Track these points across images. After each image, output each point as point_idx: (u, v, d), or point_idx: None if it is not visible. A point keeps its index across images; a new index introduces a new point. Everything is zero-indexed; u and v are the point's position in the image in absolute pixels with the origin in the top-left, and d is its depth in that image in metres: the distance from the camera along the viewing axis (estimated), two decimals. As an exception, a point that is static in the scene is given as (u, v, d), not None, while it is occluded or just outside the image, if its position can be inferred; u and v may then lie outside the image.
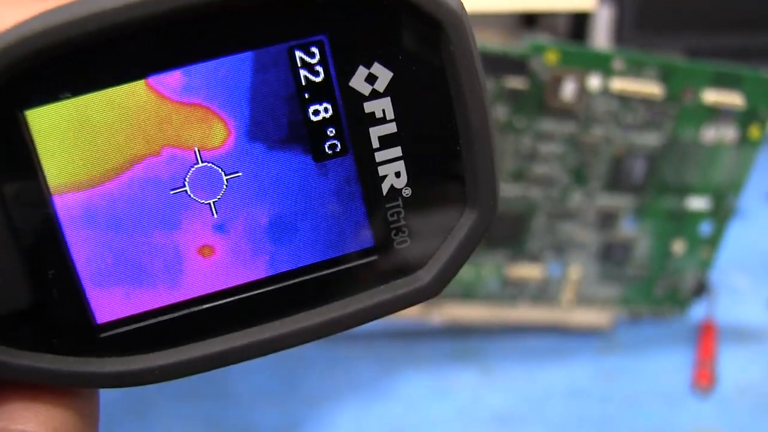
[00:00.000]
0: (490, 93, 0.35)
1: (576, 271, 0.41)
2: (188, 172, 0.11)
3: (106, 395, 0.37)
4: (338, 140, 0.11)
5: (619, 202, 0.39)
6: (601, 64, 0.35)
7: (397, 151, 0.11)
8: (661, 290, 0.42)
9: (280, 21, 0.10)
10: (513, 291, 0.41)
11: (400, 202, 0.12)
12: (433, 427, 0.35)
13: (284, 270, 0.12)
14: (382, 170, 0.11)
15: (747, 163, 0.39)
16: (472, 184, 0.12)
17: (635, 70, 0.36)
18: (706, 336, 0.40)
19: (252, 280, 0.11)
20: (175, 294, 0.11)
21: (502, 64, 0.35)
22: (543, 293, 0.41)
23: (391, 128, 0.11)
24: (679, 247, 0.40)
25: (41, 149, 0.10)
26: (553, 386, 0.38)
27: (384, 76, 0.11)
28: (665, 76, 0.36)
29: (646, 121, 0.37)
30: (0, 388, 0.11)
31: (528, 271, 0.40)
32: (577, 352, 0.40)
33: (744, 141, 0.38)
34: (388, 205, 0.12)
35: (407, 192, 0.12)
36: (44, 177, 0.10)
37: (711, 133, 0.38)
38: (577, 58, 0.35)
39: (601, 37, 0.90)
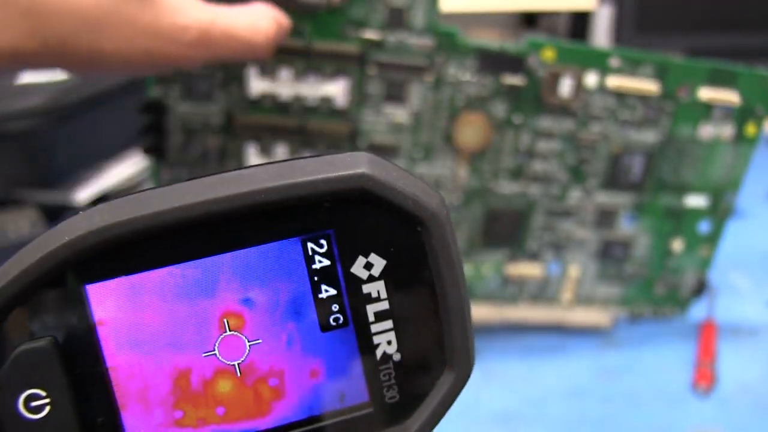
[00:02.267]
0: (490, 90, 0.36)
1: (575, 269, 0.41)
2: (218, 339, 0.13)
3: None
4: (341, 315, 0.14)
5: (618, 199, 0.39)
6: (598, 61, 0.36)
7: (389, 324, 0.14)
8: (661, 289, 0.42)
9: (297, 219, 0.13)
10: (513, 290, 0.41)
11: (391, 364, 0.14)
12: (433, 427, 0.35)
13: (294, 420, 0.14)
14: (376, 339, 0.14)
15: (744, 160, 0.39)
16: (450, 350, 0.14)
17: (631, 67, 0.36)
18: (706, 336, 0.40)
19: (266, 428, 0.14)
20: (195, 426, 0.13)
21: (500, 61, 0.35)
22: (543, 292, 0.42)
23: (384, 305, 0.14)
24: (678, 245, 0.41)
25: (97, 316, 0.13)
26: (553, 386, 0.38)
27: (379, 263, 0.14)
28: (661, 73, 0.36)
29: (643, 118, 0.37)
30: None
31: (527, 269, 0.40)
32: (577, 352, 0.40)
33: (741, 138, 0.38)
34: (381, 368, 0.14)
35: (397, 357, 0.14)
36: (100, 342, 0.13)
37: (708, 131, 0.38)
38: (574, 56, 0.35)
39: (600, 37, 0.90)
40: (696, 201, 0.40)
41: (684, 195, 0.39)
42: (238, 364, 0.13)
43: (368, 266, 0.14)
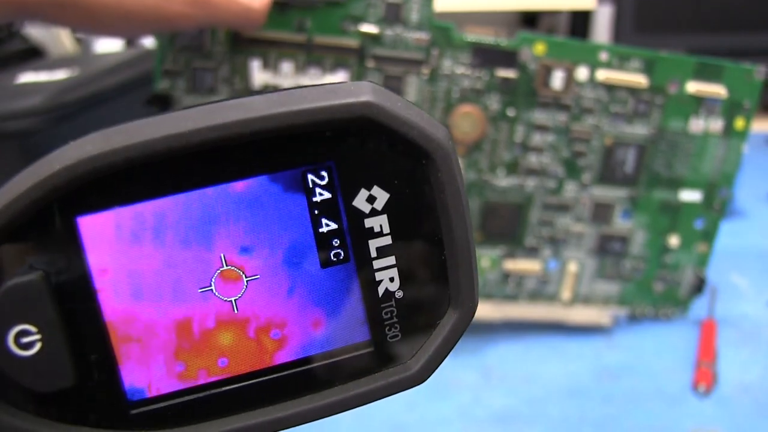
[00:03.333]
0: (484, 83, 0.37)
1: (574, 265, 0.41)
2: (214, 274, 0.13)
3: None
4: (342, 250, 0.13)
5: (613, 193, 0.40)
6: (588, 55, 0.37)
7: (391, 260, 0.13)
8: (660, 287, 0.42)
9: (297, 149, 0.13)
10: (513, 288, 0.41)
11: (393, 302, 0.14)
12: (433, 427, 0.35)
13: (294, 359, 0.14)
14: (378, 276, 0.14)
15: (735, 155, 0.39)
16: (455, 288, 0.14)
17: (620, 61, 0.37)
18: (706, 336, 0.40)
19: (265, 366, 0.13)
20: (197, 379, 0.13)
21: (493, 55, 0.36)
22: (542, 290, 0.42)
23: (387, 240, 0.13)
24: (674, 241, 0.41)
25: (90, 250, 0.12)
26: (553, 386, 0.38)
27: (382, 197, 0.13)
28: (649, 67, 0.37)
29: (634, 111, 0.38)
30: None
31: (526, 265, 0.40)
32: (577, 352, 0.40)
33: (730, 132, 0.39)
34: (383, 305, 0.14)
35: (399, 294, 0.14)
36: (92, 277, 0.12)
37: (698, 124, 0.38)
38: (565, 50, 0.36)
39: (600, 37, 0.90)
40: (690, 196, 0.40)
41: (678, 189, 0.40)
42: (235, 300, 0.13)
43: (371, 199, 0.13)
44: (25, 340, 0.12)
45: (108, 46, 0.77)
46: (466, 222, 0.13)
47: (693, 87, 0.38)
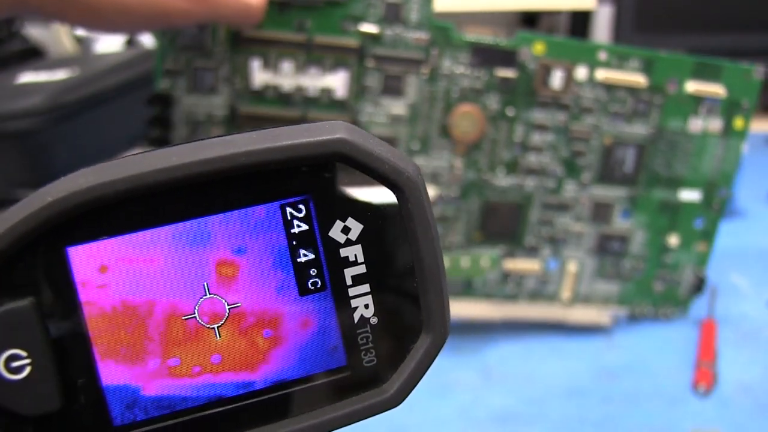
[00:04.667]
0: (483, 82, 0.37)
1: (573, 264, 0.41)
2: (197, 302, 0.13)
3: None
4: (319, 279, 0.14)
5: (612, 193, 0.40)
6: (587, 55, 0.37)
7: (366, 288, 0.14)
8: (659, 286, 0.42)
9: (276, 183, 0.13)
10: (512, 287, 0.41)
11: (368, 328, 0.14)
12: (433, 427, 0.35)
13: (271, 383, 0.14)
14: (354, 303, 0.14)
15: (734, 154, 0.39)
16: (427, 313, 0.14)
17: (619, 61, 0.37)
18: (706, 336, 0.40)
19: (243, 392, 0.14)
20: (176, 400, 0.14)
21: (492, 55, 0.36)
22: (542, 289, 0.42)
23: (361, 269, 0.14)
24: (674, 240, 0.41)
25: (79, 279, 0.13)
26: (553, 386, 0.38)
27: (356, 228, 0.14)
28: (648, 67, 0.37)
29: (633, 110, 0.38)
30: None
31: (526, 264, 0.40)
32: (577, 352, 0.40)
33: (729, 132, 0.39)
34: (358, 331, 0.14)
35: (374, 320, 0.14)
36: (81, 304, 0.13)
37: (697, 124, 0.39)
38: (564, 49, 0.37)
39: (601, 37, 0.90)
40: (689, 195, 0.40)
41: (677, 189, 0.40)
42: (218, 327, 0.14)
43: (346, 230, 0.14)
44: (15, 364, 0.12)
45: (108, 46, 0.77)
46: (435, 250, 0.14)
47: (692, 86, 0.38)
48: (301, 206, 0.14)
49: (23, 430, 0.13)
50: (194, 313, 0.13)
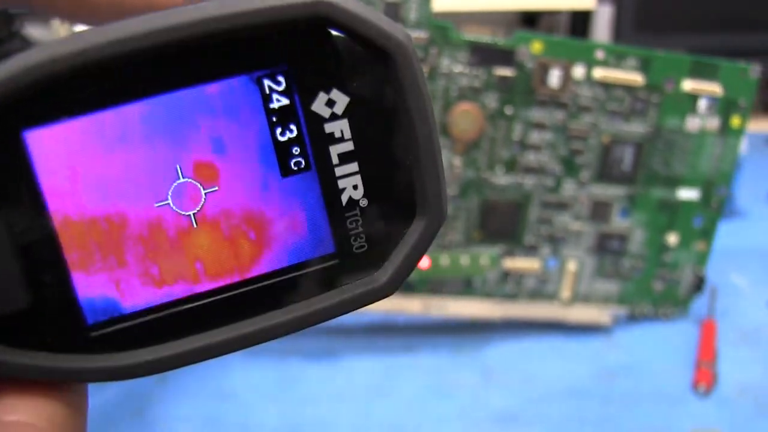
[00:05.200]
0: (482, 81, 0.37)
1: (573, 264, 0.41)
2: (171, 187, 0.12)
3: (106, 396, 0.37)
4: (302, 158, 0.13)
5: (611, 191, 0.40)
6: (584, 53, 0.37)
7: (354, 167, 0.13)
8: (659, 285, 0.42)
9: (250, 53, 0.12)
10: (512, 287, 0.41)
11: (357, 211, 0.13)
12: (433, 427, 0.35)
13: (257, 273, 0.13)
14: (341, 183, 0.13)
15: (732, 153, 0.39)
16: (421, 194, 0.13)
17: (617, 60, 0.37)
18: (706, 336, 0.40)
19: (228, 283, 0.13)
20: (158, 297, 0.13)
21: (491, 54, 0.36)
22: (542, 289, 0.42)
23: (348, 146, 0.13)
24: (673, 239, 0.41)
25: (40, 168, 0.11)
26: (553, 386, 0.38)
27: (341, 100, 0.12)
28: (645, 66, 0.37)
29: (631, 109, 0.38)
30: None
31: (525, 263, 0.40)
32: (576, 352, 0.40)
33: (727, 130, 0.39)
34: (347, 215, 0.13)
35: (364, 202, 0.13)
36: (42, 194, 0.12)
37: (694, 123, 0.39)
38: (561, 48, 0.37)
39: (601, 37, 0.90)
40: (688, 194, 0.40)
41: (676, 188, 0.40)
42: (193, 214, 0.12)
43: (330, 103, 0.12)
44: None
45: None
46: (430, 124, 0.13)
47: (689, 85, 0.38)
48: (280, 77, 0.12)
49: None
50: (167, 200, 0.12)
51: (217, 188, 0.12)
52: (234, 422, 0.35)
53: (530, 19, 1.00)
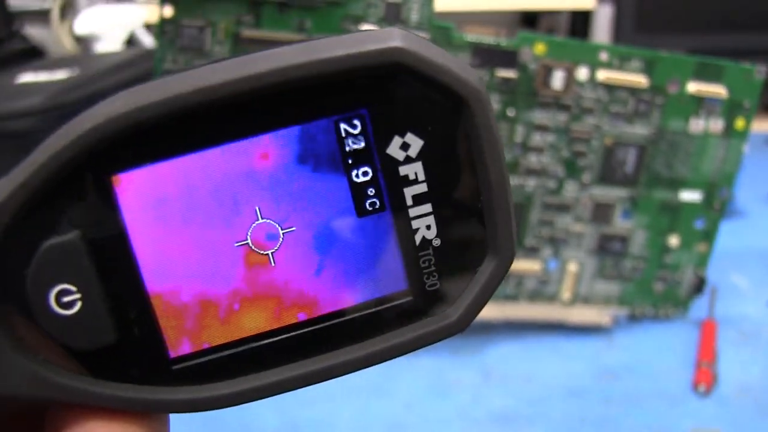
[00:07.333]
0: (484, 83, 0.36)
1: (574, 265, 0.41)
2: (250, 227, 0.13)
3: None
4: (377, 199, 0.13)
5: (613, 193, 0.40)
6: (588, 55, 0.37)
7: (428, 208, 0.13)
8: (660, 287, 0.42)
9: (328, 98, 0.12)
10: (513, 287, 0.41)
11: (430, 250, 0.13)
12: (433, 427, 0.35)
13: (332, 310, 0.13)
14: (415, 224, 0.13)
15: (735, 155, 0.39)
16: (492, 234, 0.13)
17: (620, 61, 0.37)
18: (706, 336, 0.40)
19: (304, 319, 0.13)
20: (237, 333, 0.13)
21: (493, 55, 0.36)
22: (542, 290, 0.42)
23: (422, 188, 0.13)
24: (674, 241, 0.41)
25: (125, 207, 0.12)
26: (553, 386, 0.38)
27: (416, 144, 0.13)
28: (649, 67, 0.37)
29: (634, 111, 0.38)
30: (84, 411, 0.13)
31: (526, 265, 0.40)
32: (577, 352, 0.40)
33: (730, 132, 0.39)
34: (420, 254, 0.13)
35: (437, 242, 0.13)
36: (128, 233, 0.12)
37: (698, 125, 0.39)
38: (565, 50, 0.37)
39: (601, 37, 0.90)
40: (690, 196, 0.40)
41: (678, 189, 0.40)
42: (272, 253, 0.13)
43: (405, 147, 0.13)
44: (66, 299, 0.12)
45: (108, 46, 0.77)
46: (502, 167, 0.13)
47: (693, 87, 0.38)
48: (356, 122, 0.13)
49: (80, 364, 0.12)
50: (246, 240, 0.13)
51: (294, 228, 0.13)
52: (234, 422, 0.35)
53: (530, 19, 1.00)
